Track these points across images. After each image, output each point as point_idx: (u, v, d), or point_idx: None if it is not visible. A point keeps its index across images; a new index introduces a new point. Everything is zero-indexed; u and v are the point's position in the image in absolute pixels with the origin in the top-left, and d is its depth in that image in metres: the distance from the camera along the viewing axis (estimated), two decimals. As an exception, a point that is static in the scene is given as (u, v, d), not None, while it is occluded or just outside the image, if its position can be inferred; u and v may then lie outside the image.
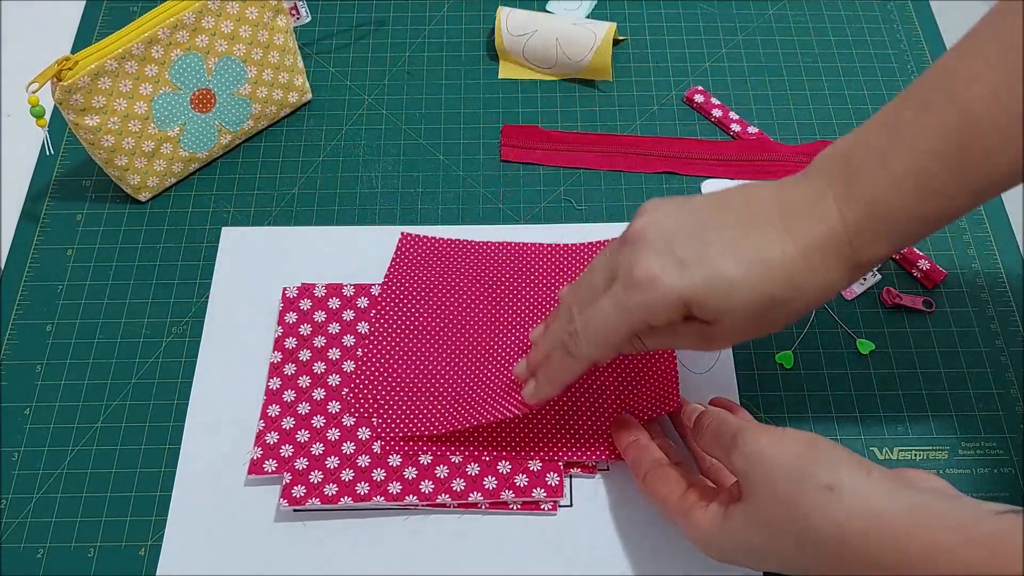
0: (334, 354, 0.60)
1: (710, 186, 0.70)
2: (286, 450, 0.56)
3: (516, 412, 0.53)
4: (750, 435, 0.44)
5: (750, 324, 0.45)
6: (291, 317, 0.62)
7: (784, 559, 0.43)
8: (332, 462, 0.55)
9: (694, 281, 0.44)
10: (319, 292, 0.63)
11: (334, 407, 0.58)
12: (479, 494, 0.54)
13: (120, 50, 0.61)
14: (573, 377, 0.50)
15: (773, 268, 0.44)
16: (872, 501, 0.40)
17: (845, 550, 0.39)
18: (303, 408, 0.58)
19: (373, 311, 0.62)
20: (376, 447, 0.56)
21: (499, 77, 0.76)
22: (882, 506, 0.39)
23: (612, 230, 0.65)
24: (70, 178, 0.71)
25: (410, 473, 0.55)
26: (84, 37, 0.78)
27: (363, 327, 0.61)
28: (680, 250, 0.44)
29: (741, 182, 0.59)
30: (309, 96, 0.74)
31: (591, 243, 0.65)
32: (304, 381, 0.59)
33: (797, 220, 0.44)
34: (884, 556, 0.38)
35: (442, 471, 0.55)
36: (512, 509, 0.55)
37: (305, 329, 0.61)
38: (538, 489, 0.54)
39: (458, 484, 0.55)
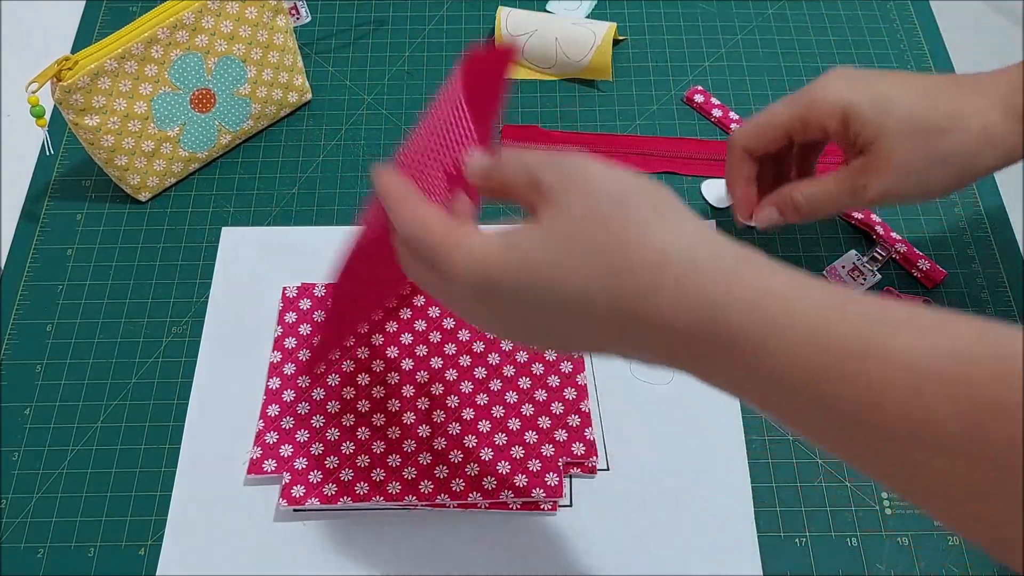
0: (334, 354, 0.60)
1: (710, 186, 0.69)
2: (285, 450, 0.56)
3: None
4: (561, 158, 0.38)
5: (909, 157, 0.48)
6: (291, 317, 0.62)
7: (577, 298, 0.35)
8: (331, 462, 0.55)
9: (856, 93, 0.49)
10: (319, 292, 0.63)
11: (333, 407, 0.58)
12: (478, 494, 0.54)
13: (120, 50, 0.61)
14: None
15: (933, 94, 0.48)
16: (703, 234, 0.35)
17: (663, 276, 0.34)
18: (302, 408, 0.58)
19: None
20: (377, 447, 0.56)
21: (499, 77, 0.76)
22: (712, 241, 0.35)
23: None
24: (70, 178, 0.71)
25: (409, 473, 0.55)
26: (84, 37, 0.78)
27: (362, 327, 0.61)
28: (853, 76, 0.51)
29: None
30: (309, 96, 0.74)
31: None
32: (303, 381, 0.59)
33: (969, 77, 0.50)
34: (712, 294, 0.33)
35: (441, 471, 0.55)
36: (512, 509, 0.55)
37: (305, 329, 0.61)
38: (538, 489, 0.54)
39: (457, 484, 0.55)
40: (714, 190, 0.69)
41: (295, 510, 0.55)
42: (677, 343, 0.34)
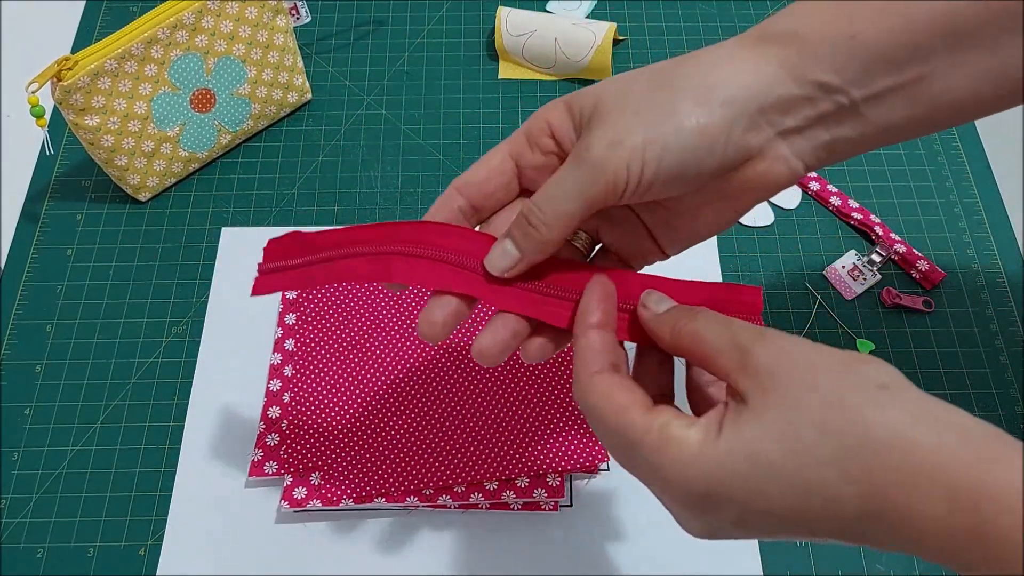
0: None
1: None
2: (287, 452, 0.56)
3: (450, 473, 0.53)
4: (772, 332, 0.35)
5: (632, 98, 0.38)
6: (291, 318, 0.62)
7: (805, 486, 0.31)
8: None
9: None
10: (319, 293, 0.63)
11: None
12: (480, 495, 0.54)
13: (120, 50, 0.61)
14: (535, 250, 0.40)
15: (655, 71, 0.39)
16: (939, 412, 0.31)
17: (914, 468, 0.30)
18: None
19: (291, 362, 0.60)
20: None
21: (499, 77, 0.76)
22: (950, 419, 0.31)
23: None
24: (70, 178, 0.70)
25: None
26: (84, 37, 0.78)
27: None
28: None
29: None
30: (309, 96, 0.74)
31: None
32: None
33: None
34: (971, 494, 0.29)
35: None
36: (513, 509, 0.55)
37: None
38: (539, 490, 0.54)
39: (459, 486, 0.55)
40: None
41: (296, 511, 0.55)
42: (931, 542, 0.30)
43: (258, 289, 0.45)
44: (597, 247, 0.45)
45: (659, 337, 0.38)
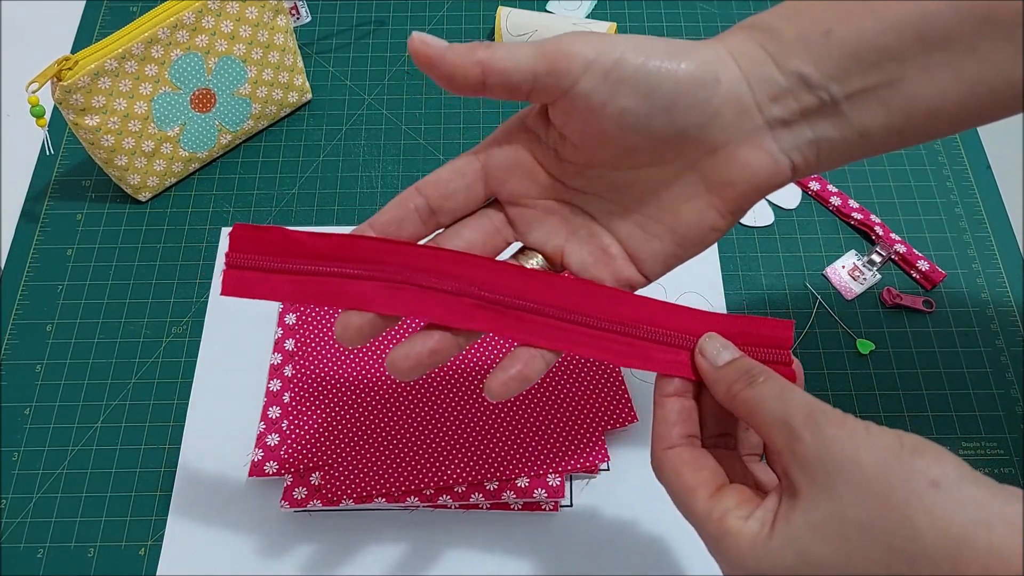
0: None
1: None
2: (287, 452, 0.56)
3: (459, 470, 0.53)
4: (831, 414, 0.34)
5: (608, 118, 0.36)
6: (291, 319, 0.62)
7: None
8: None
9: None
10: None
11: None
12: (480, 495, 0.54)
13: (120, 50, 0.61)
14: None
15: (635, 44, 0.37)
16: (989, 504, 0.30)
17: (965, 567, 0.30)
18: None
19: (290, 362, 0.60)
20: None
21: (499, 77, 0.76)
22: (999, 511, 0.30)
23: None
24: (70, 178, 0.70)
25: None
26: (84, 37, 0.78)
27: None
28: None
29: None
30: (309, 96, 0.74)
31: None
32: None
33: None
34: None
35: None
36: (513, 509, 0.55)
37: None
38: (539, 490, 0.54)
39: (459, 486, 0.55)
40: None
41: (296, 511, 0.55)
42: None
43: (229, 288, 0.40)
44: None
45: (715, 392, 0.39)
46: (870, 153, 0.39)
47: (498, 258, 0.41)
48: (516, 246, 0.43)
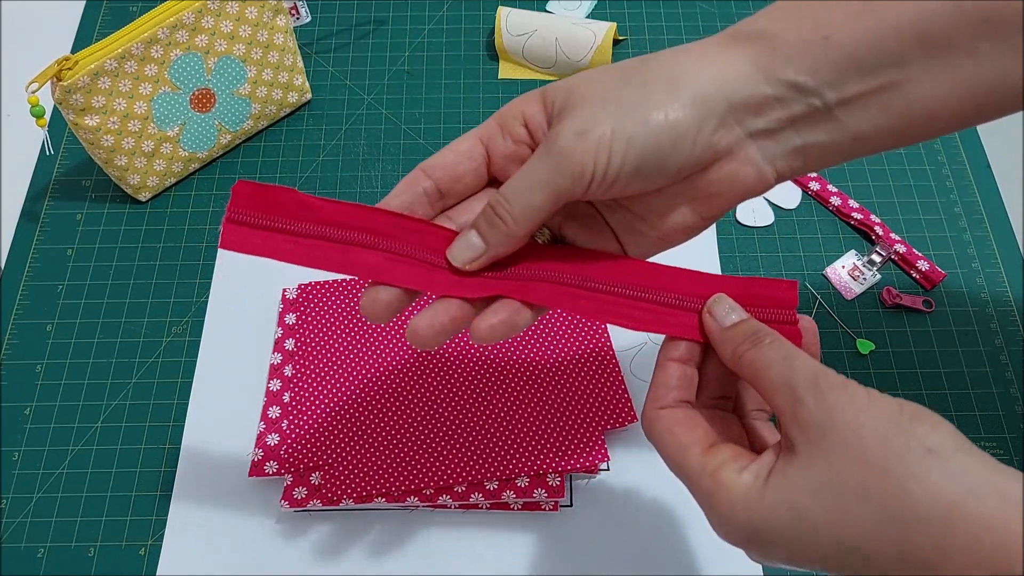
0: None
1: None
2: (287, 452, 0.56)
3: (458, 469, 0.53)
4: (834, 379, 0.35)
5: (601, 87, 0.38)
6: (291, 319, 0.62)
7: (845, 543, 0.32)
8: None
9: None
10: (319, 290, 0.63)
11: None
12: (480, 495, 0.54)
13: (120, 50, 0.61)
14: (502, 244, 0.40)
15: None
16: (985, 475, 0.31)
17: (954, 536, 0.30)
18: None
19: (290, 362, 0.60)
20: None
21: (499, 77, 0.76)
22: (995, 482, 0.31)
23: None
24: (70, 178, 0.71)
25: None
26: (84, 37, 0.78)
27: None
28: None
29: None
30: (309, 96, 0.74)
31: None
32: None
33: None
34: (1013, 563, 0.29)
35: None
36: (513, 509, 0.55)
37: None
38: (539, 490, 0.54)
39: (459, 486, 0.55)
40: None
41: (296, 511, 0.55)
42: None
43: (228, 242, 0.39)
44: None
45: (721, 353, 0.39)
46: (862, 154, 0.39)
47: None
48: None
